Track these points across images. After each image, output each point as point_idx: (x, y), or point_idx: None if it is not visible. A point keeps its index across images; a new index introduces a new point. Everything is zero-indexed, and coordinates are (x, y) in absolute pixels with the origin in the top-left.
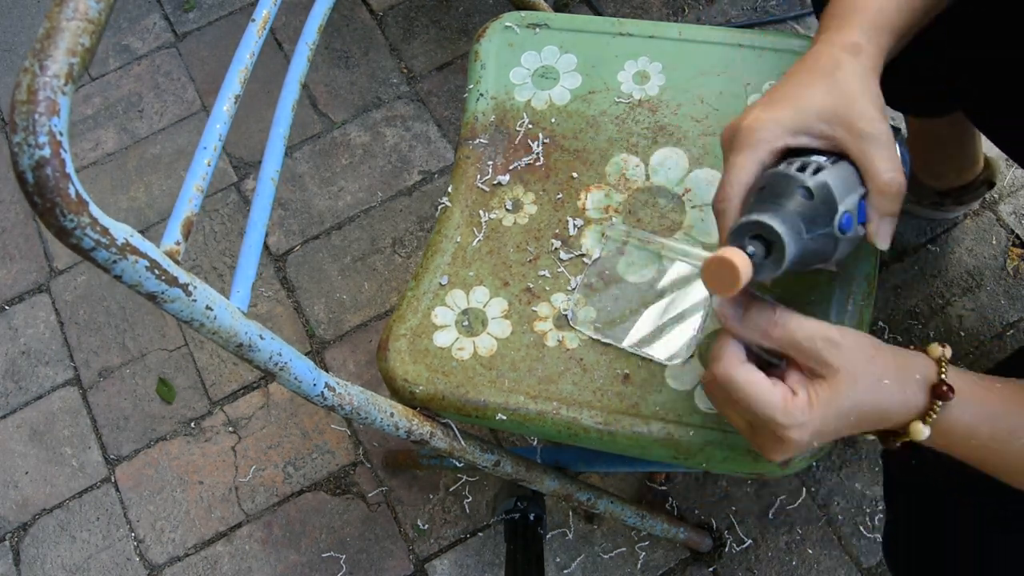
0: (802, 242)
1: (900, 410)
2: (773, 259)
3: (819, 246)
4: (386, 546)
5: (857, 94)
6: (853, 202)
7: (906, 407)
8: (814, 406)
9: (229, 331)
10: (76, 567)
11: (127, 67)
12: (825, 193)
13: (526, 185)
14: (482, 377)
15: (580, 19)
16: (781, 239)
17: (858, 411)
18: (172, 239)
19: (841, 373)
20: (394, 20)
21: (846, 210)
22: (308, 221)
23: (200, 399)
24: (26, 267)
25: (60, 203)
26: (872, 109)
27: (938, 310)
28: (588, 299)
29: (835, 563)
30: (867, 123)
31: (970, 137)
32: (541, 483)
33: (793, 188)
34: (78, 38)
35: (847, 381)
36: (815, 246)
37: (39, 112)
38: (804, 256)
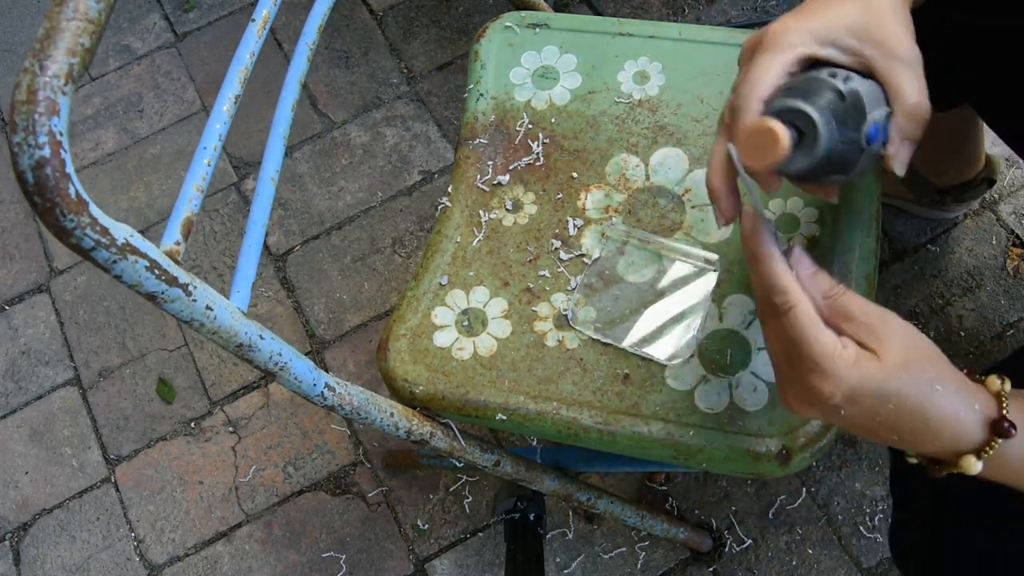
0: (833, 140)
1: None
2: (806, 148)
3: (844, 152)
4: (386, 546)
5: (889, 16)
6: (880, 116)
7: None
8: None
9: (229, 331)
10: (76, 567)
11: (127, 67)
12: (856, 99)
13: (526, 185)
14: (482, 377)
15: (580, 19)
16: (816, 127)
17: (898, 402)
18: (172, 239)
19: (892, 353)
20: (394, 20)
21: (875, 120)
22: (308, 221)
23: (200, 399)
24: (26, 267)
25: (60, 203)
26: (904, 32)
27: (938, 310)
28: (588, 299)
29: (835, 563)
30: (897, 44)
31: (973, 133)
32: (541, 483)
33: (824, 89)
34: (78, 38)
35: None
36: (842, 150)
37: (39, 112)
38: (831, 157)
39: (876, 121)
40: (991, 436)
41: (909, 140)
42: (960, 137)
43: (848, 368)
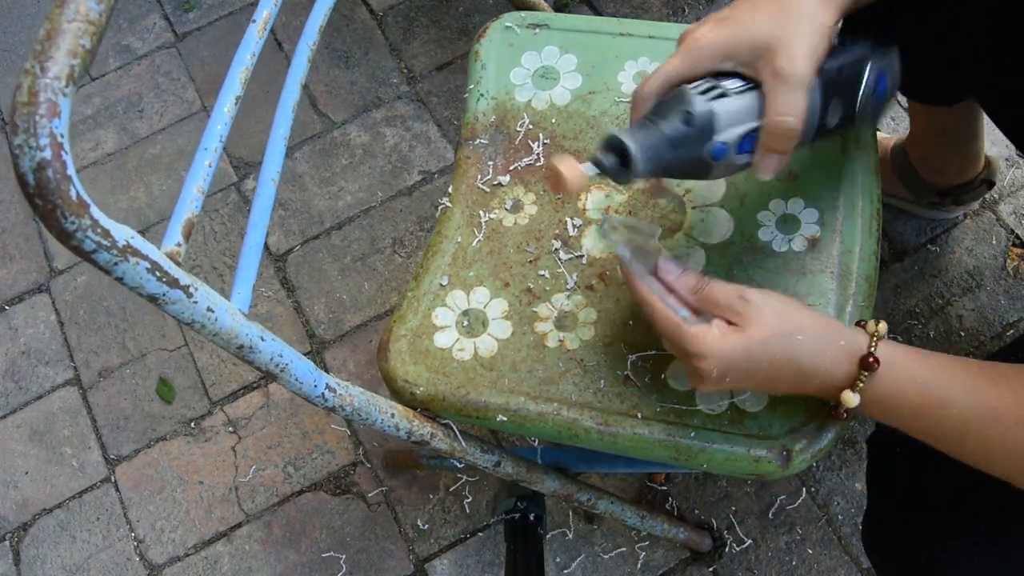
0: (662, 160)
1: (824, 373)
2: (625, 172)
3: (688, 164)
4: (386, 546)
5: (793, 31)
6: (737, 133)
7: (830, 372)
8: (723, 342)
9: (230, 333)
10: (76, 567)
11: (127, 67)
12: (704, 122)
13: (526, 185)
14: (483, 378)
15: (580, 19)
16: (633, 160)
17: (770, 360)
18: (173, 241)
19: (753, 321)
20: (394, 20)
21: (722, 141)
22: (308, 221)
23: (200, 399)
24: (26, 267)
25: (61, 205)
26: (802, 51)
27: (938, 310)
28: (588, 300)
29: (835, 563)
30: (786, 62)
31: (973, 133)
32: (541, 484)
33: (678, 110)
34: (79, 39)
35: (757, 328)
36: (682, 164)
37: (40, 114)
38: (669, 170)
39: (724, 141)
40: (859, 370)
41: (773, 151)
42: (960, 137)
43: (716, 344)
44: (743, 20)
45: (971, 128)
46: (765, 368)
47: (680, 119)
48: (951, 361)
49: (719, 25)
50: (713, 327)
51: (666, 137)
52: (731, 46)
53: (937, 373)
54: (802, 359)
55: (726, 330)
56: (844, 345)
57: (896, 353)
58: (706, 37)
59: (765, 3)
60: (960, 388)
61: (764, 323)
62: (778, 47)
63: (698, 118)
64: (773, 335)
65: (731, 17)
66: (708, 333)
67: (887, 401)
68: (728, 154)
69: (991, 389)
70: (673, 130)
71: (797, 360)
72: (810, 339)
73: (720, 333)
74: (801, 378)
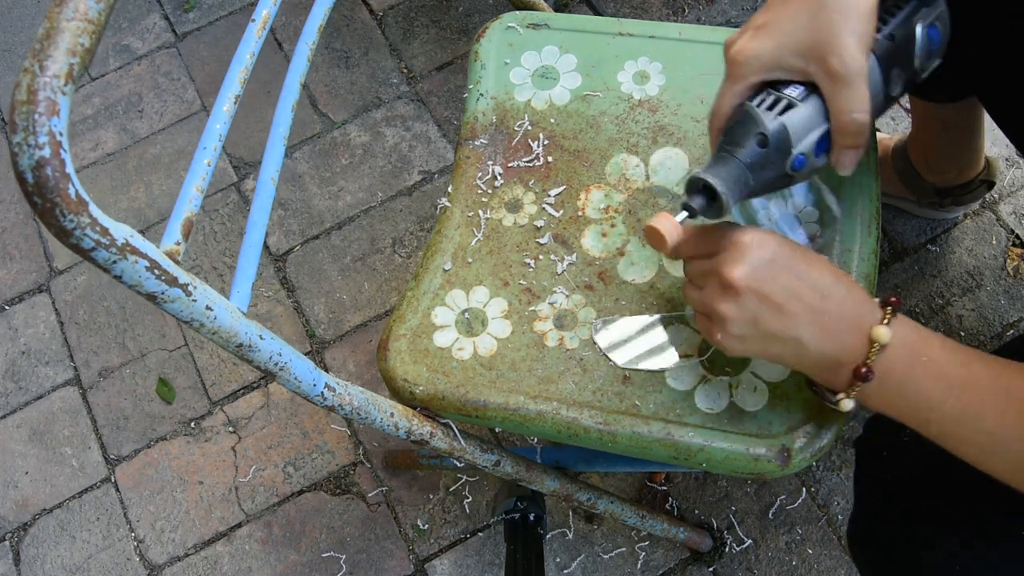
0: (748, 188)
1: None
2: (716, 207)
3: (772, 182)
4: (386, 546)
5: (839, 27)
6: (812, 140)
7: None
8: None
9: (229, 331)
10: (76, 567)
11: (127, 67)
12: (780, 139)
13: (526, 185)
14: (482, 377)
15: (580, 19)
16: (721, 196)
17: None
18: (172, 239)
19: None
20: (394, 20)
21: (801, 152)
22: (308, 221)
23: (200, 399)
24: (26, 267)
25: (60, 203)
26: (851, 43)
27: (938, 310)
28: (588, 300)
29: (835, 563)
30: (838, 61)
31: (975, 132)
32: (541, 483)
33: (751, 133)
34: (78, 38)
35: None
36: (766, 183)
37: (39, 112)
38: (755, 192)
39: (803, 153)
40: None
41: (849, 148)
42: (961, 136)
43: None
44: (782, 24)
45: (972, 128)
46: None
47: (755, 142)
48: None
49: (759, 35)
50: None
51: (747, 164)
52: (776, 57)
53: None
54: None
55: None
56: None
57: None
58: (749, 49)
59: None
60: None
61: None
62: (825, 47)
63: (773, 138)
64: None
65: (769, 23)
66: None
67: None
68: (808, 163)
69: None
70: (752, 155)
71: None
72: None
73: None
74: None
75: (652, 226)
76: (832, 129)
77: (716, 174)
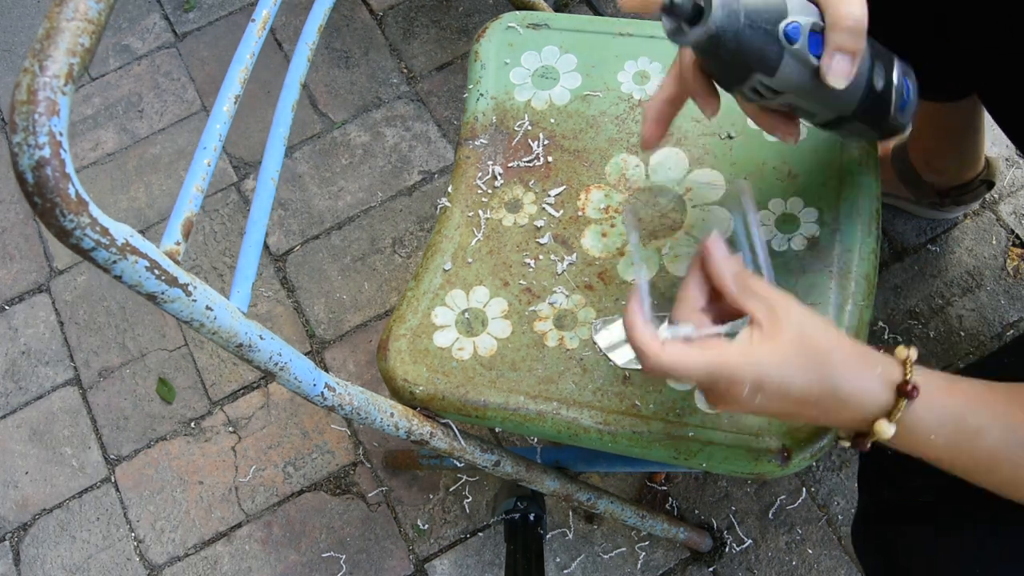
0: (738, 24)
1: (859, 399)
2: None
3: (761, 45)
4: (386, 546)
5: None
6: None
7: (866, 398)
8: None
9: (229, 331)
10: (76, 567)
11: (127, 67)
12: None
13: (526, 185)
14: (482, 377)
15: (580, 19)
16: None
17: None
18: (172, 239)
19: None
20: (394, 20)
21: (794, 20)
22: (308, 221)
23: (200, 399)
24: (26, 267)
25: (60, 203)
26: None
27: (938, 310)
28: (588, 300)
29: (835, 563)
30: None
31: (975, 131)
32: (541, 483)
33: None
34: (78, 38)
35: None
36: (756, 43)
37: (39, 112)
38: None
39: (796, 22)
40: (897, 398)
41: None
42: (961, 136)
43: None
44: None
45: (972, 127)
46: (799, 385)
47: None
48: (981, 387)
49: None
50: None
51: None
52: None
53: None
54: (839, 381)
55: (757, 337)
56: (880, 372)
57: (930, 380)
58: None
59: None
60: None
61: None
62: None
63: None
64: (809, 347)
65: None
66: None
67: (921, 432)
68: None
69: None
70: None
71: (833, 380)
72: (847, 357)
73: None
74: (836, 403)
75: None
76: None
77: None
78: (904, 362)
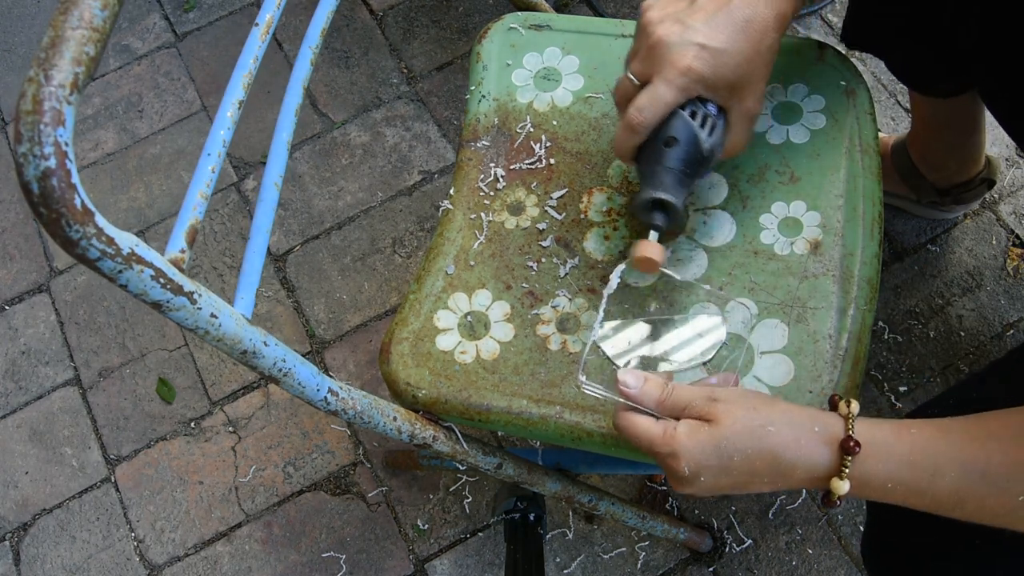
0: (688, 188)
1: (805, 464)
2: (674, 216)
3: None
4: (386, 546)
5: (762, 74)
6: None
7: (811, 461)
8: (690, 438)
9: (234, 338)
10: (76, 567)
11: (127, 67)
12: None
13: (528, 187)
14: (485, 381)
15: (582, 21)
16: (678, 210)
17: (743, 454)
18: (177, 247)
19: (721, 418)
20: (394, 20)
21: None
22: (308, 221)
23: (200, 399)
24: (26, 267)
25: (66, 214)
26: (763, 88)
27: (938, 310)
28: (590, 303)
29: (835, 563)
30: (753, 103)
31: (975, 129)
32: (543, 485)
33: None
34: (83, 47)
35: (725, 424)
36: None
37: (44, 123)
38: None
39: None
40: (841, 455)
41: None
42: (961, 133)
43: (680, 443)
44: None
45: (972, 124)
46: (739, 463)
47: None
48: (933, 428)
49: (703, 56)
50: (680, 426)
51: (681, 170)
52: (714, 83)
53: (921, 445)
54: (777, 450)
55: (695, 426)
56: (819, 432)
57: (876, 431)
58: (697, 70)
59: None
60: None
61: (733, 417)
62: (748, 88)
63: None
64: (744, 428)
65: (710, 47)
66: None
67: (876, 482)
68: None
69: (979, 452)
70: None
71: (772, 451)
72: (782, 429)
73: (687, 429)
74: (783, 469)
75: (643, 257)
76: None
77: (666, 190)
78: (845, 418)
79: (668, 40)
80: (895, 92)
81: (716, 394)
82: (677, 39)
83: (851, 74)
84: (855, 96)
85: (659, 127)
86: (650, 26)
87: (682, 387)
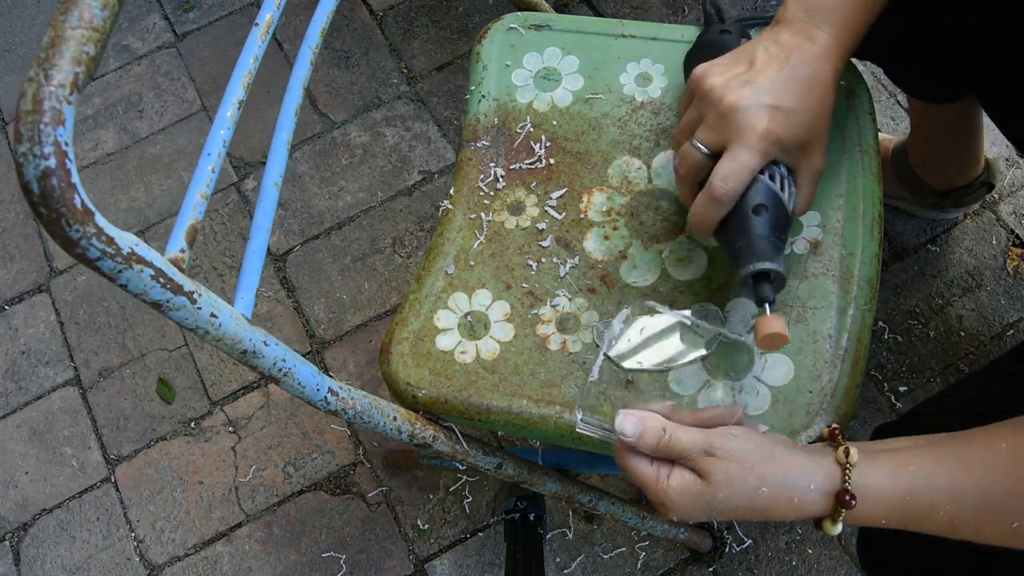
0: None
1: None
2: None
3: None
4: (386, 546)
5: (826, 130)
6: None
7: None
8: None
9: (234, 338)
10: (76, 567)
11: (127, 67)
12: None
13: (528, 187)
14: (485, 381)
15: (582, 20)
16: (784, 276)
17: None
18: (177, 247)
19: (715, 476)
20: (394, 20)
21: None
22: (308, 221)
23: (200, 399)
24: (26, 267)
25: (66, 214)
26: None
27: (938, 310)
28: (590, 303)
29: (835, 563)
30: (820, 161)
31: (974, 133)
32: (543, 485)
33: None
34: (83, 47)
35: (718, 483)
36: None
37: (44, 122)
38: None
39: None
40: (836, 506)
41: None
42: (960, 137)
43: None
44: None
45: (971, 129)
46: (729, 514)
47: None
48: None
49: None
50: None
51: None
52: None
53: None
54: (769, 509)
55: (688, 482)
56: (815, 489)
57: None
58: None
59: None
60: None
61: (728, 477)
62: (815, 145)
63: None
64: (736, 491)
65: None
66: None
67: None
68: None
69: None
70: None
71: (764, 510)
72: (776, 491)
73: (678, 485)
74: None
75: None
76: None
77: (769, 259)
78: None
79: (741, 104)
80: (895, 92)
81: (713, 447)
82: (750, 102)
83: (851, 74)
84: (855, 96)
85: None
86: (715, 92)
87: (680, 434)
